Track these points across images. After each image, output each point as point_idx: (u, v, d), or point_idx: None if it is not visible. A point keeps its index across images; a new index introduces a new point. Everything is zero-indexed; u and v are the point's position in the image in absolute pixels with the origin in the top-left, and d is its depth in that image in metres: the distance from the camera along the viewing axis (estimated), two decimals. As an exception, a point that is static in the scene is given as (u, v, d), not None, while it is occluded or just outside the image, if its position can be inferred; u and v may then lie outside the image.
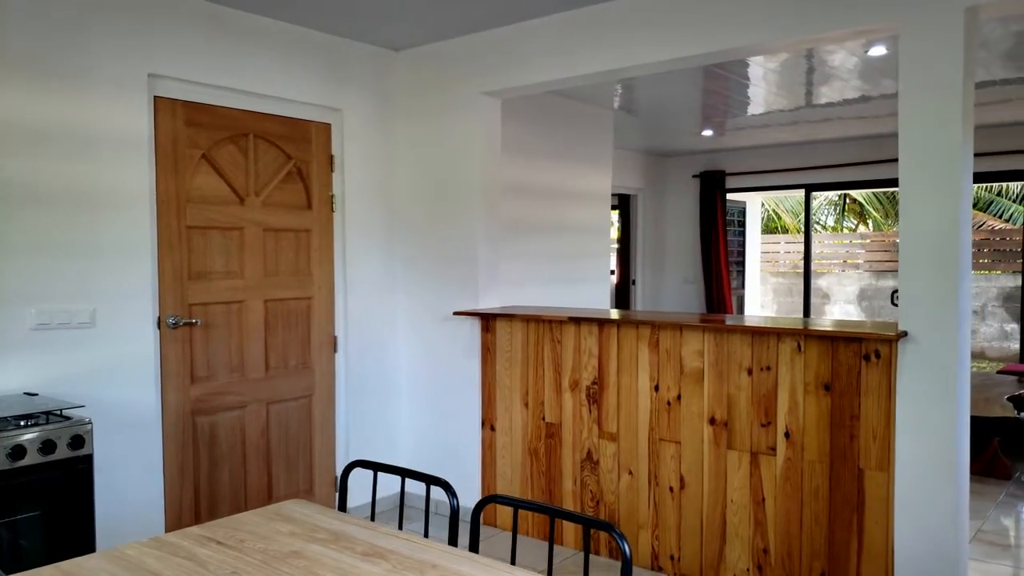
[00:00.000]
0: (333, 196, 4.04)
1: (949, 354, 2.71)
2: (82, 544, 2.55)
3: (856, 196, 13.64)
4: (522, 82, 3.83)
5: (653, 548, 3.47)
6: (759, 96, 5.58)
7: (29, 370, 2.90)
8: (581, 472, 3.69)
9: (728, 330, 3.21)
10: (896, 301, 2.88)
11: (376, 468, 1.99)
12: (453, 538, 1.83)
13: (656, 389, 3.43)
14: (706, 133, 7.10)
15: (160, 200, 3.36)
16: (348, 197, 4.07)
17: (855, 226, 14.42)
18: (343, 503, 2.08)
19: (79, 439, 2.53)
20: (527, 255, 5.24)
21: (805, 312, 8.32)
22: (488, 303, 4.11)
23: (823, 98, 5.63)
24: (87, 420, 2.57)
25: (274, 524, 1.86)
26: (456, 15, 3.69)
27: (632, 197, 8.40)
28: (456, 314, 4.02)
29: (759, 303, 11.46)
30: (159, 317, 3.36)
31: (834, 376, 2.95)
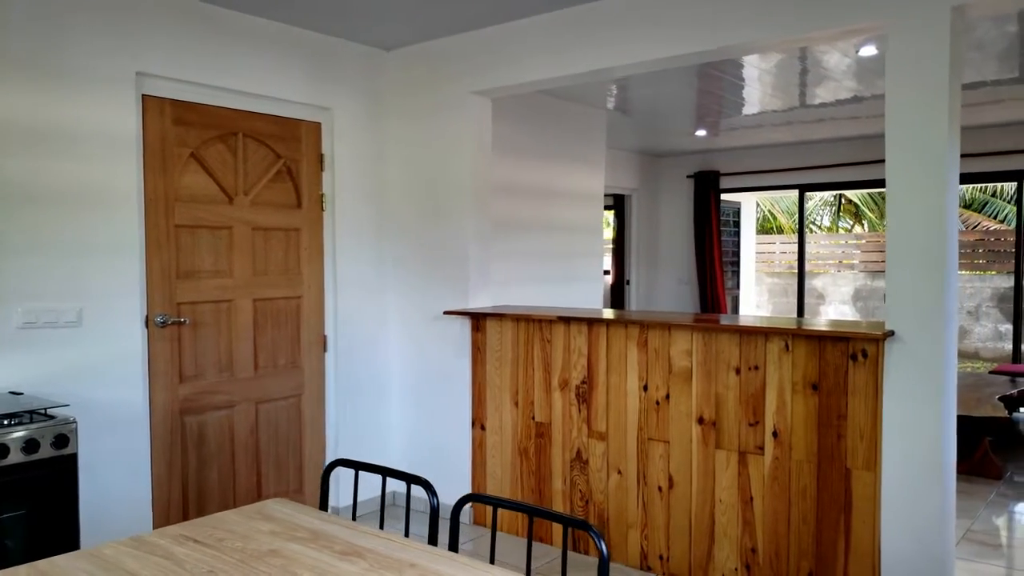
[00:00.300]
0: (323, 195, 4.04)
1: (936, 353, 2.71)
2: (67, 544, 2.54)
3: (851, 197, 13.67)
4: (512, 81, 3.83)
5: (642, 548, 3.46)
6: (753, 96, 5.58)
7: (15, 369, 2.89)
8: (571, 472, 3.68)
9: (716, 329, 3.21)
10: (883, 300, 2.87)
11: (357, 467, 1.98)
12: (433, 537, 1.82)
13: (645, 388, 3.42)
14: (700, 133, 7.11)
15: (148, 199, 3.35)
16: (338, 196, 4.07)
17: (851, 226, 14.44)
18: (324, 502, 2.07)
19: (63, 438, 2.52)
20: (519, 255, 5.24)
21: (799, 312, 8.32)
22: (479, 302, 4.11)
23: (816, 98, 5.64)
24: (71, 419, 2.56)
25: (254, 523, 1.85)
26: (446, 14, 3.68)
27: (627, 197, 8.40)
28: (446, 313, 4.01)
29: (754, 303, 11.47)
30: (147, 316, 3.35)
31: (821, 376, 2.95)
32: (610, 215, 8.83)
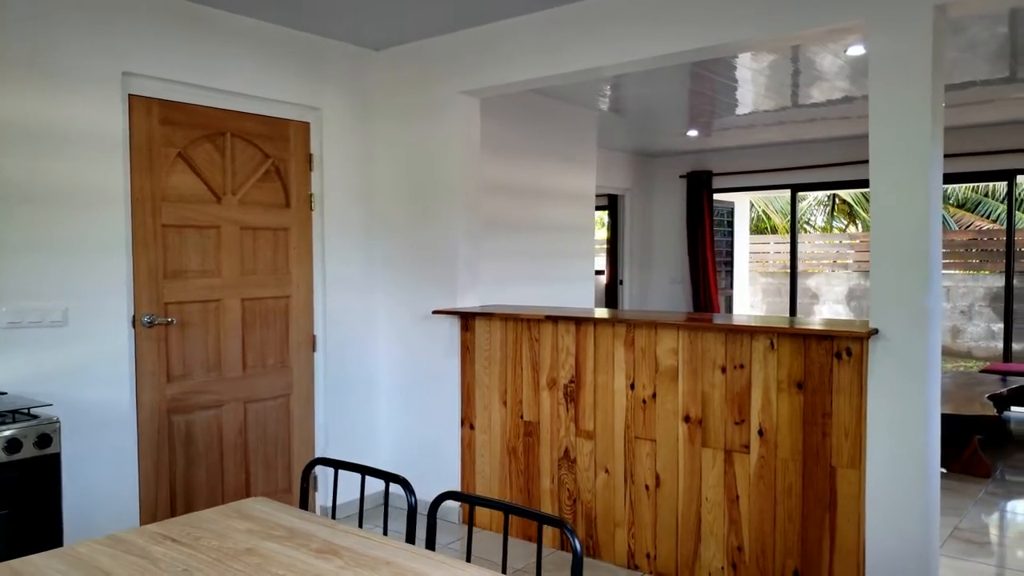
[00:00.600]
0: (312, 195, 4.04)
1: (920, 351, 2.71)
2: (50, 544, 2.54)
3: (845, 196, 13.70)
4: (501, 81, 3.83)
5: (629, 546, 3.47)
6: (745, 97, 5.59)
7: (-1, 369, 2.89)
8: (559, 470, 3.69)
9: (702, 328, 3.21)
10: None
11: (337, 466, 1.98)
12: (411, 535, 1.82)
13: (632, 387, 3.43)
14: (691, 133, 7.11)
15: (135, 199, 3.35)
16: (327, 196, 4.06)
17: (845, 226, 14.46)
18: (304, 501, 2.07)
19: (46, 438, 2.51)
20: (511, 254, 5.24)
21: (791, 312, 8.33)
22: (468, 302, 4.11)
23: (807, 99, 5.65)
24: (55, 419, 2.56)
25: (232, 522, 1.85)
26: (435, 14, 3.68)
27: (620, 197, 8.41)
28: (435, 313, 4.01)
29: (748, 303, 11.48)
30: (134, 316, 3.35)
31: (807, 374, 2.96)
32: (604, 215, 8.84)
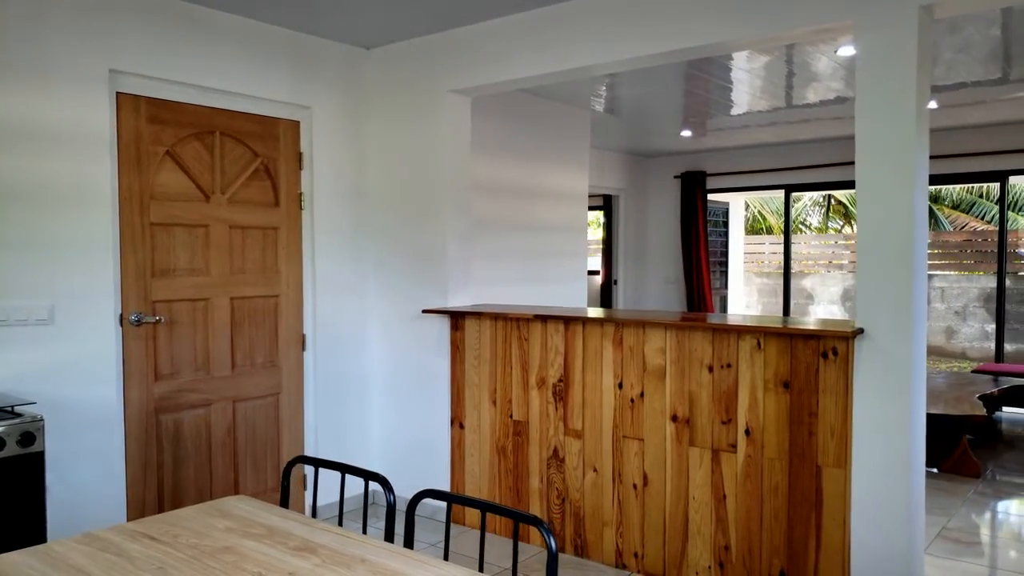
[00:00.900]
0: (302, 194, 4.03)
1: (904, 351, 2.72)
2: (33, 542, 2.53)
3: (840, 197, 13.71)
4: (491, 80, 3.83)
5: (617, 546, 3.47)
6: (738, 97, 5.59)
7: (-15, 367, 2.88)
8: (547, 470, 3.69)
9: (689, 328, 3.22)
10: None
11: (317, 464, 1.98)
12: (390, 533, 1.82)
13: (620, 387, 3.43)
14: (685, 134, 7.12)
15: (123, 197, 3.34)
16: (317, 195, 4.06)
17: (840, 227, 14.48)
18: (285, 499, 2.07)
19: (29, 436, 2.51)
20: (504, 254, 5.24)
21: (785, 312, 8.34)
22: (459, 301, 4.11)
23: (800, 99, 5.65)
24: (39, 417, 2.55)
25: (212, 520, 1.85)
26: (426, 13, 3.68)
27: (614, 197, 8.41)
28: (425, 312, 4.01)
29: (744, 303, 11.49)
30: (121, 314, 3.34)
31: (793, 373, 2.96)
32: (600, 215, 8.84)
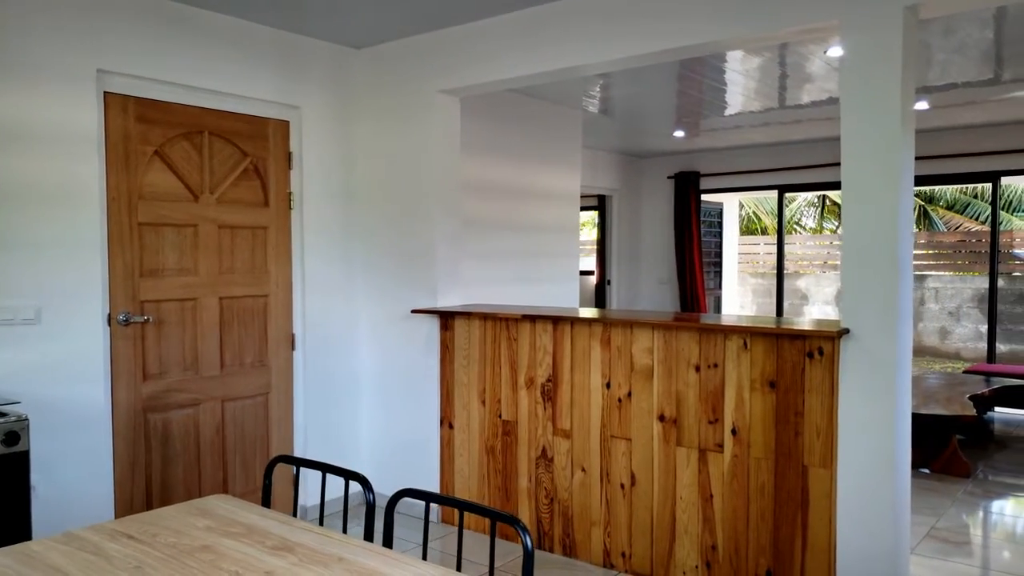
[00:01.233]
0: (291, 193, 4.03)
1: (889, 351, 2.72)
2: (17, 541, 2.53)
3: (835, 197, 13.73)
4: (480, 80, 3.83)
5: (605, 545, 3.47)
6: (730, 98, 5.60)
7: (-30, 367, 2.88)
8: (536, 469, 3.69)
9: (676, 327, 3.22)
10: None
11: (298, 463, 1.98)
12: (369, 533, 1.82)
13: (608, 386, 3.43)
14: (678, 134, 7.13)
15: (111, 197, 3.34)
16: (307, 194, 4.06)
17: (836, 227, 14.50)
18: (267, 498, 2.07)
19: (14, 435, 2.51)
20: (496, 254, 5.24)
21: (778, 312, 8.35)
22: (449, 301, 4.11)
23: (793, 100, 5.66)
24: (23, 416, 2.55)
25: (192, 519, 1.85)
26: (415, 13, 3.68)
27: (608, 198, 8.42)
28: (414, 312, 4.01)
29: (738, 304, 11.51)
30: (109, 314, 3.34)
31: (779, 373, 2.97)
32: (595, 215, 8.84)
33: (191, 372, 3.65)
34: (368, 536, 1.84)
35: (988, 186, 6.99)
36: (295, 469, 1.98)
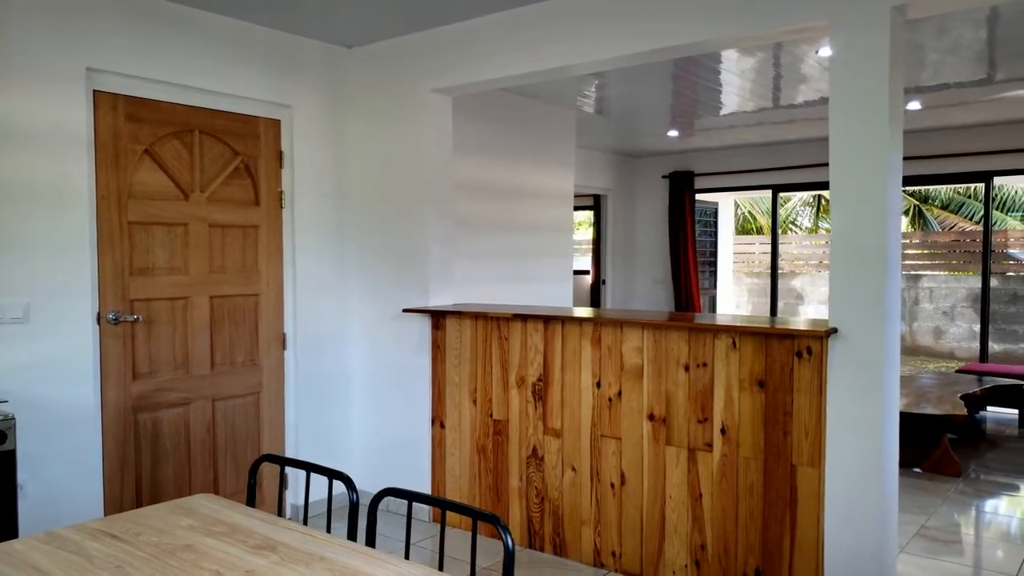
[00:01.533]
0: (282, 193, 4.03)
1: (877, 350, 2.73)
2: (3, 540, 2.53)
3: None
4: (472, 79, 3.83)
5: (595, 544, 3.47)
6: (724, 98, 5.60)
7: (-42, 366, 2.87)
8: (527, 469, 3.69)
9: (666, 327, 3.22)
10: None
11: (283, 463, 1.98)
12: (353, 532, 1.82)
13: (598, 385, 3.43)
14: (671, 134, 7.13)
15: (100, 195, 3.33)
16: (298, 193, 4.06)
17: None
18: (252, 498, 2.07)
19: (0, 435, 2.50)
20: (489, 254, 5.24)
21: (772, 312, 8.36)
22: (440, 301, 4.11)
23: (787, 100, 5.67)
24: (10, 415, 2.55)
25: (176, 518, 1.85)
26: (407, 12, 3.68)
27: (603, 197, 8.42)
28: (406, 311, 4.01)
29: (734, 303, 11.52)
30: (99, 313, 3.33)
31: (768, 373, 2.97)
32: (591, 215, 8.85)
33: (181, 371, 3.65)
34: (352, 535, 1.84)
35: (982, 186, 7.00)
36: (280, 469, 1.98)
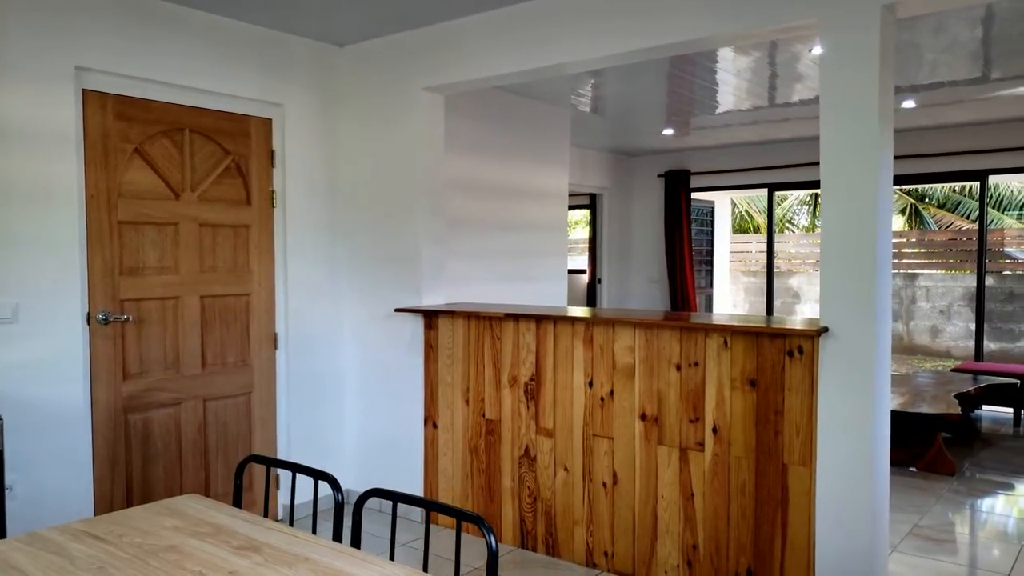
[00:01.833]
0: (274, 192, 4.02)
1: (868, 349, 2.72)
2: (-8, 542, 2.52)
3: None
4: (464, 77, 3.82)
5: (587, 544, 3.47)
6: (720, 96, 5.60)
7: (-54, 366, 2.86)
8: (519, 469, 3.68)
9: (657, 326, 3.22)
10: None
11: (270, 463, 1.97)
12: (338, 533, 1.81)
13: (590, 385, 3.43)
14: (667, 132, 7.12)
15: (90, 195, 3.32)
16: (289, 193, 4.04)
17: (828, 226, 14.51)
18: (238, 498, 2.06)
19: (-13, 435, 2.49)
20: (483, 253, 5.23)
21: (768, 311, 8.36)
22: (433, 300, 4.10)
23: (782, 98, 5.66)
24: (-3, 416, 2.53)
25: (160, 519, 1.84)
26: (399, 10, 3.67)
27: (598, 196, 8.41)
28: (398, 311, 4.00)
29: (731, 302, 11.52)
30: (88, 313, 3.32)
31: (759, 372, 2.96)
32: (586, 214, 8.84)
33: (172, 371, 3.63)
34: (337, 536, 1.83)
35: (978, 184, 7.00)
36: (267, 470, 1.97)
